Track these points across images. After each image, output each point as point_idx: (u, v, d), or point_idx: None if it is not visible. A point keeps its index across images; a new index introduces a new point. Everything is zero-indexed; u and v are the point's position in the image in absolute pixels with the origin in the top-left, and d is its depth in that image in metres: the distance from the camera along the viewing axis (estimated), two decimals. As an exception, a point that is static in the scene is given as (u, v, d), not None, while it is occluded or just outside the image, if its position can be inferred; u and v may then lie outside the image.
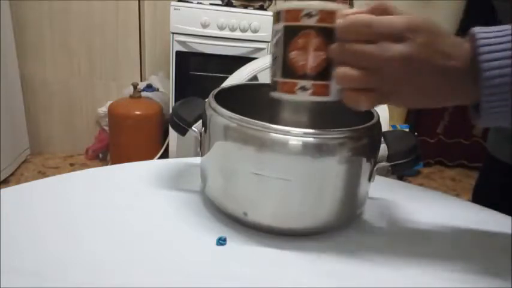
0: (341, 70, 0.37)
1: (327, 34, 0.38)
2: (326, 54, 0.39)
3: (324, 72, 0.39)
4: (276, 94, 0.43)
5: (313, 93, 0.40)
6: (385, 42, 0.35)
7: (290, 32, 0.40)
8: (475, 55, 0.35)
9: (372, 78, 0.37)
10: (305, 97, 0.40)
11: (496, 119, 0.37)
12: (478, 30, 0.36)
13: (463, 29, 0.39)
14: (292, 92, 0.41)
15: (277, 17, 0.41)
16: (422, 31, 0.35)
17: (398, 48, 0.35)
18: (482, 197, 0.72)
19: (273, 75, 0.43)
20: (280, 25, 0.40)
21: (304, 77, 0.40)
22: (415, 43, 0.35)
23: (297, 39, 0.39)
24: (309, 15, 0.38)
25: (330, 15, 0.38)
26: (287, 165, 0.43)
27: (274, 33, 0.42)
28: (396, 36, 0.35)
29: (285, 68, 0.41)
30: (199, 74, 2.02)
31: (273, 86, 0.43)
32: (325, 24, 0.38)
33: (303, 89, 0.40)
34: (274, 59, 0.42)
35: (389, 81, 0.37)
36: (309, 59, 0.39)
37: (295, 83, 0.40)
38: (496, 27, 0.36)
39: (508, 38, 0.35)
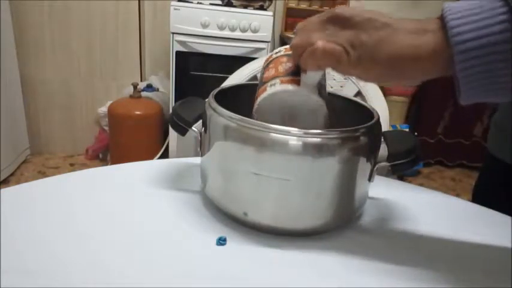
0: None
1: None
2: (293, 65, 0.44)
3: (292, 73, 0.44)
4: (255, 107, 0.46)
5: (282, 83, 0.44)
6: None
7: (265, 66, 0.48)
8: (445, 23, 0.34)
9: (326, 28, 0.39)
10: (276, 88, 0.44)
11: (477, 91, 0.35)
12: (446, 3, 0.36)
13: None
14: (265, 90, 0.45)
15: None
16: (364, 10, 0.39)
17: (339, 8, 0.39)
18: (482, 196, 0.72)
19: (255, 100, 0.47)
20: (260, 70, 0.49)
21: (273, 78, 0.45)
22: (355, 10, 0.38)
23: (269, 66, 0.47)
24: (277, 52, 0.48)
25: None
26: (287, 165, 0.43)
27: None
28: None
29: (260, 84, 0.47)
30: (199, 74, 2.02)
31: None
32: (290, 51, 0.44)
33: (273, 85, 0.45)
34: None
35: (345, 34, 0.38)
36: (278, 68, 0.46)
37: (266, 85, 0.45)
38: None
39: (478, 4, 0.33)
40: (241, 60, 1.11)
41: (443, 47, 0.34)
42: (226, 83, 0.86)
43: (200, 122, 0.52)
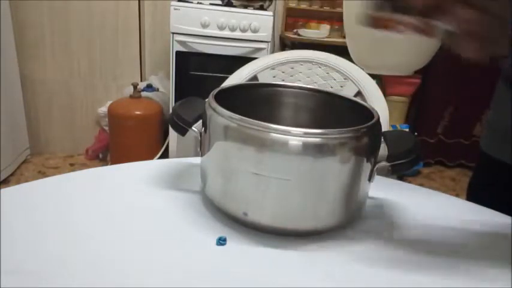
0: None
1: None
2: None
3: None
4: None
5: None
6: None
7: None
8: None
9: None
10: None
11: None
12: None
13: None
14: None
15: None
16: None
17: None
18: (476, 194, 0.73)
19: None
20: None
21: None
22: None
23: None
24: None
25: None
26: (287, 165, 0.43)
27: None
28: None
29: None
30: (199, 74, 2.02)
31: None
32: None
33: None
34: None
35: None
36: None
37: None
38: None
39: None
40: (241, 60, 1.11)
41: None
42: (226, 83, 0.86)
43: (200, 122, 0.52)
